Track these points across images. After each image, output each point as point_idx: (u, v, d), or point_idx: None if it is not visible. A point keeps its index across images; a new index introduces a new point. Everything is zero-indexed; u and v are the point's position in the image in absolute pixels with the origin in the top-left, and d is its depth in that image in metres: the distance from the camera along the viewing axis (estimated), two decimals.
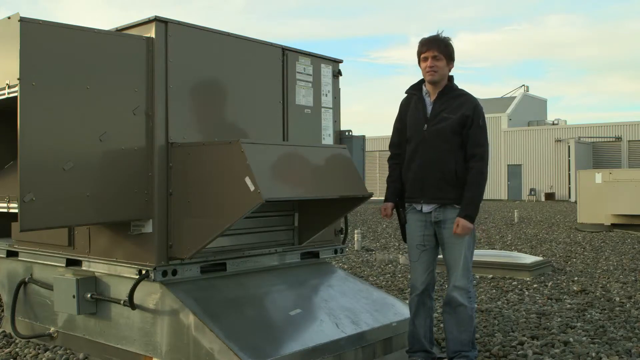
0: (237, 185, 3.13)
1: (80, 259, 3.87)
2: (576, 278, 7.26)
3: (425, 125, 3.58)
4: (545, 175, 37.55)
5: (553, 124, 41.42)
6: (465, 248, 3.53)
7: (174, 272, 3.46)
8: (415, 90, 3.71)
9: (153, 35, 3.44)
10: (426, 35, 3.62)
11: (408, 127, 3.69)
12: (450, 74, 3.65)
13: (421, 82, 3.70)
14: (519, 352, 4.13)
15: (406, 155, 3.68)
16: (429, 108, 3.61)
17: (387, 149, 3.92)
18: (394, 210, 3.78)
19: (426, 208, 3.60)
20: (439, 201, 3.54)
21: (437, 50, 3.53)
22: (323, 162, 3.70)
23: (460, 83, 3.67)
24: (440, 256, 3.68)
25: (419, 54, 3.61)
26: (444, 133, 3.52)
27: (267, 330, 3.46)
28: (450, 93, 3.60)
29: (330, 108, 4.52)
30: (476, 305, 4.39)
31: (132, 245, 3.53)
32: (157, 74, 3.44)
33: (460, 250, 3.52)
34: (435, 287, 4.01)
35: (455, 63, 3.64)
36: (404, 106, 3.77)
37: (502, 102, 40.83)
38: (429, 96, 3.64)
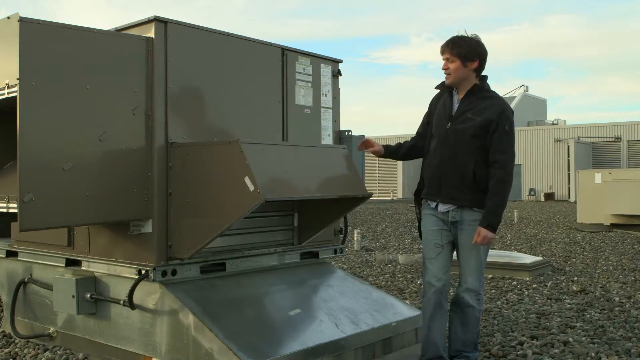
0: (237, 185, 3.12)
1: (80, 259, 3.87)
2: (576, 278, 7.27)
3: (449, 124, 3.53)
4: (544, 175, 37.55)
5: (552, 124, 41.45)
6: (481, 251, 3.50)
7: (174, 272, 3.46)
8: (445, 87, 3.65)
9: (152, 35, 3.44)
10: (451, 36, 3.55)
11: (434, 123, 3.65)
12: (484, 73, 3.56)
13: None
14: (518, 352, 4.13)
15: (429, 151, 3.66)
16: (455, 106, 3.55)
17: None
18: (375, 151, 3.84)
19: (442, 207, 3.56)
20: (455, 202, 3.50)
21: (448, 52, 3.47)
22: (323, 162, 3.70)
23: None
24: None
25: None
26: (465, 134, 3.45)
27: (266, 330, 3.45)
28: (478, 93, 3.51)
29: (329, 108, 4.51)
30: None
31: (132, 245, 3.53)
32: (157, 74, 3.44)
33: (475, 252, 3.48)
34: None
35: None
36: (434, 102, 3.73)
37: None
38: (457, 94, 3.58)
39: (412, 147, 3.86)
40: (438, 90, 3.75)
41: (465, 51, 3.45)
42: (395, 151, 3.91)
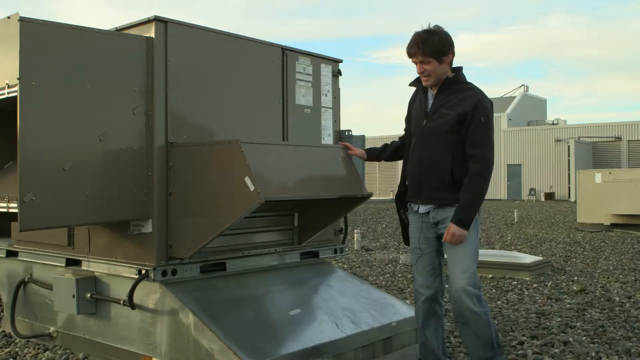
0: (237, 185, 3.12)
1: (80, 258, 3.87)
2: (576, 278, 7.27)
3: (424, 121, 3.37)
4: (545, 175, 37.56)
5: (553, 123, 41.45)
6: (469, 248, 3.25)
7: (174, 272, 3.46)
8: (419, 83, 3.48)
9: (153, 35, 3.44)
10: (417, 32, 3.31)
11: (412, 122, 3.51)
12: (459, 65, 3.36)
13: None
14: (518, 352, 4.13)
15: (409, 152, 3.49)
16: (430, 102, 3.39)
17: None
18: (356, 155, 3.79)
19: (422, 209, 3.39)
20: (435, 202, 3.33)
21: (421, 54, 3.23)
22: (323, 162, 3.70)
23: None
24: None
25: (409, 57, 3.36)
26: (440, 130, 3.28)
27: (266, 330, 3.45)
28: (452, 87, 3.30)
29: (330, 108, 4.51)
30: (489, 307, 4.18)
31: (132, 245, 3.53)
32: (157, 74, 3.44)
33: (462, 251, 3.23)
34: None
35: (456, 63, 3.37)
36: (411, 101, 3.59)
37: (502, 102, 40.84)
38: (432, 90, 3.40)
39: (400, 147, 3.68)
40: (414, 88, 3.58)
41: (438, 46, 3.23)
42: (379, 153, 3.78)
